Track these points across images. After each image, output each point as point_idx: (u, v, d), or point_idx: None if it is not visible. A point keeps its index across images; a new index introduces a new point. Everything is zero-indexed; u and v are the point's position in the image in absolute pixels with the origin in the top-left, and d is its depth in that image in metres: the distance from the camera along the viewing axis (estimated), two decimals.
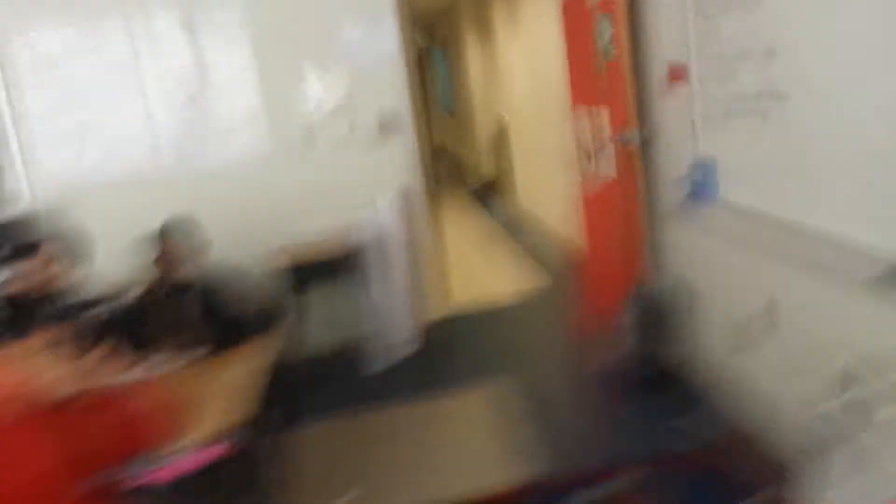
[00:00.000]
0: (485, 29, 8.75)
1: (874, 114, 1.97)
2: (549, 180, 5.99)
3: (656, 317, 3.24)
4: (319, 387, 3.92)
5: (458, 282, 5.53)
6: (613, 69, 3.50)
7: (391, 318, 4.13)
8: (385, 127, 4.07)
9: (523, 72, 6.43)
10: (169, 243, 2.85)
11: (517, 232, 7.06)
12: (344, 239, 3.98)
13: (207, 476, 2.03)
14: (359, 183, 4.12)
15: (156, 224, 2.95)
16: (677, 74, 3.14)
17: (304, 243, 4.06)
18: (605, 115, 3.72)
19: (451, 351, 4.21)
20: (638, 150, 3.48)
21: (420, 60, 15.73)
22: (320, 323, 4.23)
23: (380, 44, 3.99)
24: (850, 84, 2.05)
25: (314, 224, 4.13)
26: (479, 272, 5.98)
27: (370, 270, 4.03)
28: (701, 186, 3.00)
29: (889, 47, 1.89)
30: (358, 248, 3.85)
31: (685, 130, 3.12)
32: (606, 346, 3.78)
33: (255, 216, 4.09)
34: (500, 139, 8.42)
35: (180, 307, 2.77)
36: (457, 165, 12.53)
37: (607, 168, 3.81)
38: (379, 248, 4.05)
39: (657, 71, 3.37)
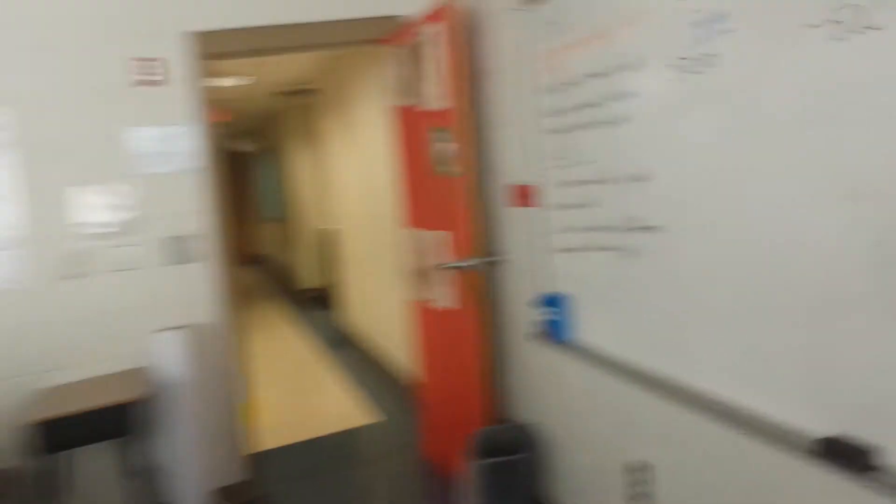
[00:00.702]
0: (315, 135, 8.38)
1: (769, 251, 1.66)
2: (382, 299, 5.51)
3: (503, 464, 2.78)
4: None
5: (278, 409, 4.80)
6: (453, 188, 3.14)
7: (181, 479, 3.32)
8: (180, 246, 3.39)
9: (355, 181, 6.03)
10: None
11: (346, 352, 6.45)
12: (120, 383, 3.18)
13: None
14: (143, 313, 3.37)
15: None
16: (525, 197, 2.81)
17: (68, 389, 3.20)
18: (443, 238, 3.32)
19: None
20: (482, 278, 3.09)
21: (245, 167, 15.08)
22: (91, 491, 3.34)
23: (178, 155, 3.36)
24: (738, 218, 1.75)
25: (83, 366, 3.32)
26: (302, 399, 5.27)
27: (152, 422, 3.23)
28: (553, 324, 2.63)
29: (794, 171, 1.61)
30: (138, 394, 3.06)
31: (536, 260, 2.76)
32: (450, 495, 3.24)
33: (6, 354, 3.19)
34: (330, 249, 7.90)
35: None
36: (282, 275, 11.78)
37: (445, 295, 3.39)
38: (163, 393, 3.28)
39: (502, 191, 3.04)
